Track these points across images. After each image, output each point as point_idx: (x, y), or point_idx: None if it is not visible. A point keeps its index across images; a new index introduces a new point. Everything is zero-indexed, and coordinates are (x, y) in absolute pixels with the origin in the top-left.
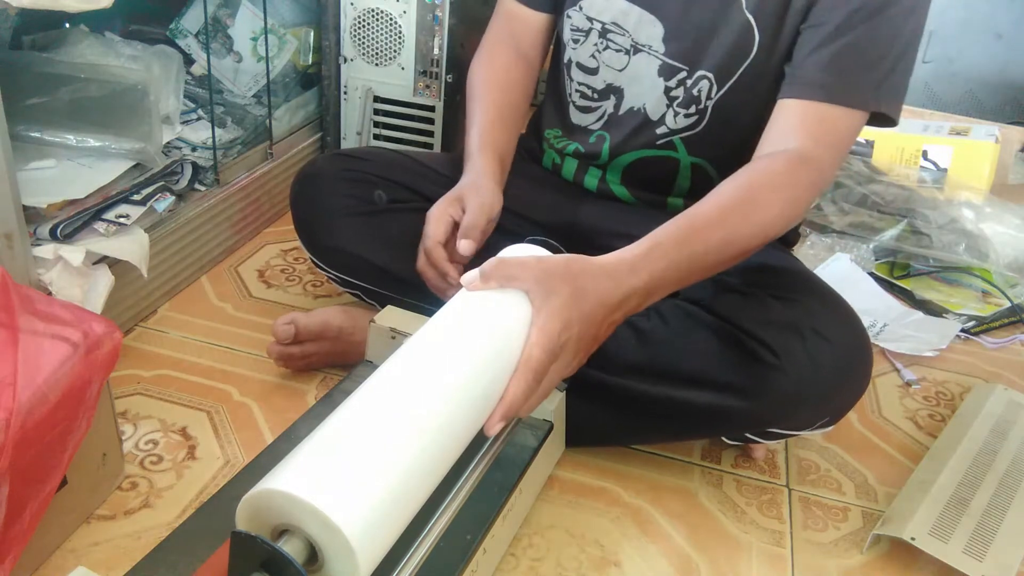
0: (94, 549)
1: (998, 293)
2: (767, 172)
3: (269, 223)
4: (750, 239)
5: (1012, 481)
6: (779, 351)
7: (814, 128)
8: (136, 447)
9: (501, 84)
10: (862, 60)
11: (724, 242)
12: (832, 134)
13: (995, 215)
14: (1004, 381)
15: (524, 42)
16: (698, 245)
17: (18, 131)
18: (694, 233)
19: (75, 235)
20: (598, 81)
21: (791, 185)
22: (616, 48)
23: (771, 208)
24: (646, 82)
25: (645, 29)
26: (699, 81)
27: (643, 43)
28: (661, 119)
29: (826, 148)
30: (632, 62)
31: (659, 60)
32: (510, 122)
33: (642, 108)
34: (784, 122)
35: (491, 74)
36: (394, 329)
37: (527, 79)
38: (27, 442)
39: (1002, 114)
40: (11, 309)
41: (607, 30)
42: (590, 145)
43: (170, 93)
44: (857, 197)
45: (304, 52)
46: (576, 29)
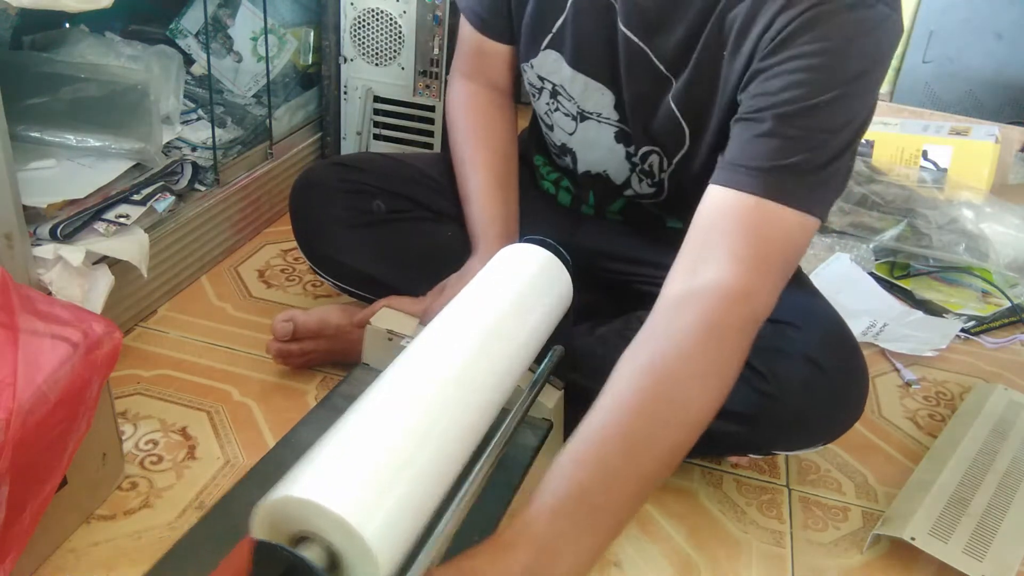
0: (94, 549)
1: (998, 293)
2: (683, 356)
3: (269, 223)
4: (674, 451)
5: (1012, 481)
6: (773, 379)
7: (749, 230)
8: (136, 447)
9: (489, 141)
10: (801, 160)
11: (640, 478)
12: (760, 237)
13: (995, 215)
14: (1004, 381)
15: (496, 75)
16: (603, 496)
17: (18, 131)
18: (598, 484)
19: (75, 235)
20: (555, 138)
21: (717, 359)
22: (564, 112)
23: (694, 405)
24: (601, 149)
25: (592, 97)
26: (649, 155)
27: (591, 111)
28: (627, 183)
29: (762, 260)
30: (580, 128)
31: (614, 127)
32: (506, 183)
33: (603, 173)
34: (715, 215)
35: (475, 126)
36: (391, 331)
37: (509, 121)
38: (27, 442)
39: (1002, 114)
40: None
41: (556, 92)
42: (579, 187)
43: (170, 93)
44: (857, 197)
45: (304, 52)
46: (531, 84)
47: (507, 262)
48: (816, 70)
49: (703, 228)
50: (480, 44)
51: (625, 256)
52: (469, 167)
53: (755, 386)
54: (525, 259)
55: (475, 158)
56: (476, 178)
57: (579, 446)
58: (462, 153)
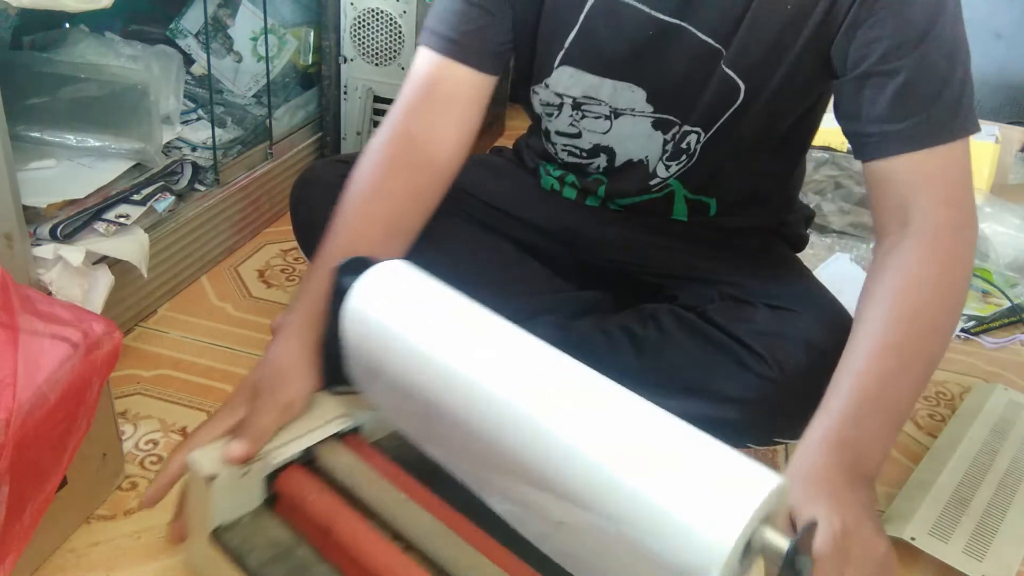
0: (94, 549)
1: (998, 293)
2: (916, 287)
3: (269, 223)
4: (933, 359)
5: (1012, 481)
6: (773, 362)
7: (936, 180)
8: (136, 447)
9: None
10: (925, 91)
11: (912, 382)
12: (942, 180)
13: (995, 215)
14: (1004, 381)
15: (445, 119)
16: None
17: (18, 131)
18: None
19: (75, 235)
20: (584, 143)
21: (952, 283)
22: (595, 116)
23: (945, 325)
24: (640, 139)
25: (623, 95)
26: (687, 135)
27: (623, 107)
28: (655, 171)
29: (957, 197)
30: (616, 125)
31: (650, 118)
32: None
33: (644, 159)
34: (889, 190)
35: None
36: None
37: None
38: (27, 442)
39: (1002, 114)
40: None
41: (580, 103)
42: (587, 183)
43: (170, 93)
44: (857, 197)
45: (304, 52)
46: (546, 104)
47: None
48: (915, 3)
49: (896, 195)
50: (442, 74)
51: (629, 247)
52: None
53: (755, 370)
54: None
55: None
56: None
57: (854, 363)
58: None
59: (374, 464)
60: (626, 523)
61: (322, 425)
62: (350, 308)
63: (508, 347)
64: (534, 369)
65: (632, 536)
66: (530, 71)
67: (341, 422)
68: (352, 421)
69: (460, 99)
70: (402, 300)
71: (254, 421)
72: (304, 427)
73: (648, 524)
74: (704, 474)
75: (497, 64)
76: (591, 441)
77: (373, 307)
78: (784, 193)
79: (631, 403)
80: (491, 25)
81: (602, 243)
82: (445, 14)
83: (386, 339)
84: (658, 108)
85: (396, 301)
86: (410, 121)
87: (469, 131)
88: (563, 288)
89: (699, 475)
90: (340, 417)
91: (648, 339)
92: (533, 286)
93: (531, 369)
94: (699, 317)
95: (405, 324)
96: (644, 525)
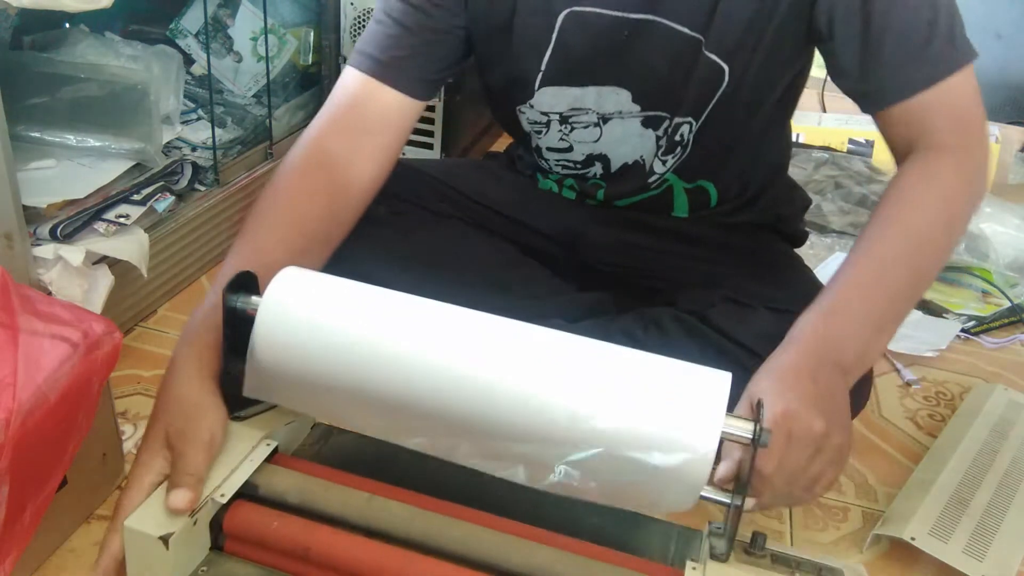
0: (94, 549)
1: (998, 293)
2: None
3: None
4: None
5: (1012, 481)
6: None
7: (937, 118)
8: (136, 447)
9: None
10: (915, 33)
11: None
12: (950, 109)
13: (995, 215)
14: (1004, 381)
15: (383, 134)
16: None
17: (18, 131)
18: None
19: (75, 235)
20: (576, 155)
21: (942, 196)
22: (584, 125)
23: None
24: (632, 140)
25: (609, 99)
26: (679, 127)
27: (611, 112)
28: (651, 169)
29: (952, 127)
30: (605, 130)
31: (638, 117)
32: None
33: (640, 159)
34: (901, 130)
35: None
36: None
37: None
38: (27, 442)
39: (1002, 114)
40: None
41: (567, 116)
42: (586, 187)
43: (170, 93)
44: (857, 197)
45: (304, 52)
46: (534, 122)
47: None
48: None
49: (907, 132)
50: (367, 97)
51: (629, 251)
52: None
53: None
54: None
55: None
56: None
57: (836, 275)
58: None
59: (316, 474)
60: (617, 450)
61: (249, 453)
62: (266, 322)
63: (456, 322)
64: (494, 337)
65: (626, 458)
66: (508, 95)
67: (266, 445)
68: (274, 441)
69: (384, 122)
70: (325, 302)
71: (185, 465)
72: (233, 460)
73: (638, 445)
74: (671, 389)
75: (428, 91)
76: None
77: (295, 316)
78: (779, 161)
79: (584, 345)
80: (428, 52)
81: (602, 246)
82: (377, 37)
83: (324, 344)
84: (645, 106)
85: (320, 304)
86: (330, 141)
87: (391, 156)
88: (564, 291)
89: (667, 391)
90: (261, 440)
91: (650, 343)
92: (534, 289)
93: (491, 337)
94: (701, 321)
95: (344, 324)
96: (635, 447)
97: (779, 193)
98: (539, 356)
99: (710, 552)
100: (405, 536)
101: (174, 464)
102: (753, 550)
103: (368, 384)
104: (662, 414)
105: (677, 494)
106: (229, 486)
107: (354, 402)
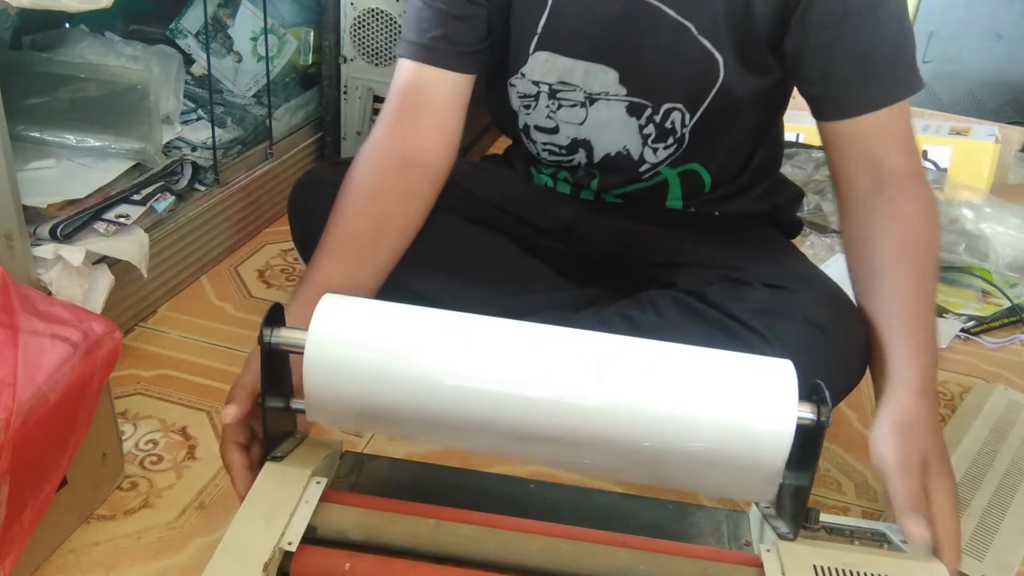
0: (94, 549)
1: (998, 293)
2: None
3: (269, 223)
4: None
5: (1012, 481)
6: (772, 339)
7: (889, 139)
8: (136, 447)
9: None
10: (884, 53)
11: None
12: (903, 132)
13: (995, 215)
14: (1004, 381)
15: (430, 126)
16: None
17: (18, 131)
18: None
19: (75, 235)
20: (561, 138)
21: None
22: (570, 103)
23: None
24: (615, 126)
25: (596, 78)
26: (669, 113)
27: (597, 92)
28: (641, 158)
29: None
30: (591, 112)
31: (623, 101)
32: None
33: (623, 150)
34: (856, 144)
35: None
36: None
37: (411, 215)
38: (27, 442)
39: (1002, 114)
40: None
41: (555, 90)
42: (579, 178)
43: (170, 93)
44: None
45: (304, 52)
46: (524, 95)
47: None
48: None
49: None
50: (418, 80)
51: (626, 239)
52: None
53: (756, 348)
54: None
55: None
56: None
57: (896, 307)
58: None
59: (371, 506)
60: (700, 443)
61: (301, 495)
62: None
63: (525, 340)
64: (561, 346)
65: (709, 450)
66: (506, 64)
67: (316, 484)
68: (323, 478)
69: (439, 103)
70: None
71: (238, 380)
72: (288, 504)
73: (720, 438)
74: (744, 381)
75: (471, 63)
76: (648, 394)
77: (351, 344)
78: (772, 154)
79: (650, 347)
80: (459, 28)
81: (599, 236)
82: (415, 22)
83: (389, 371)
84: (631, 90)
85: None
86: (396, 129)
87: (453, 132)
88: (563, 285)
89: (740, 384)
90: (311, 479)
91: (646, 323)
92: (533, 284)
93: (559, 346)
94: (698, 300)
95: (407, 351)
96: (716, 440)
97: (772, 185)
98: (611, 361)
99: (777, 534)
100: (481, 558)
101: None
102: (808, 524)
103: (441, 403)
104: (740, 405)
105: (761, 481)
106: (293, 533)
107: (416, 423)
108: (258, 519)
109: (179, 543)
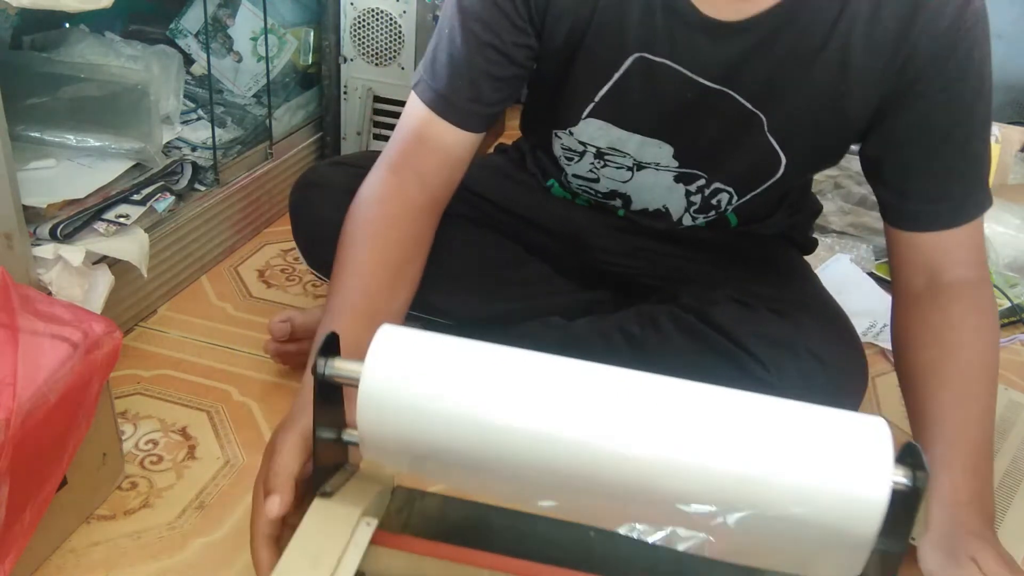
0: (94, 549)
1: (998, 293)
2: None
3: (269, 223)
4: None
5: (1012, 481)
6: (771, 367)
7: (955, 251)
8: (136, 447)
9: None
10: (965, 174)
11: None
12: (971, 245)
13: (995, 215)
14: (1004, 381)
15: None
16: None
17: (18, 131)
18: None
19: (75, 235)
20: (601, 187)
21: (990, 326)
22: (617, 166)
23: (996, 362)
24: (659, 190)
25: (649, 151)
26: (718, 192)
27: (648, 161)
28: (679, 220)
29: (976, 261)
30: (637, 176)
31: (673, 172)
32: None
33: (662, 208)
34: (918, 252)
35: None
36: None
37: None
38: (27, 442)
39: (1002, 114)
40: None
41: (604, 152)
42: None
43: (170, 93)
44: (857, 197)
45: (304, 52)
46: (568, 149)
47: None
48: (961, 92)
49: (925, 257)
50: (426, 128)
51: (635, 253)
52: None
53: (755, 375)
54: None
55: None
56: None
57: (956, 414)
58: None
59: (421, 551)
60: (782, 508)
61: (351, 537)
62: (371, 390)
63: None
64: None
65: (792, 517)
66: (552, 116)
67: (366, 525)
68: (374, 519)
69: (445, 153)
70: (437, 365)
71: (275, 465)
72: (336, 547)
73: (806, 503)
74: (832, 440)
75: (482, 124)
76: (723, 445)
77: (409, 381)
78: (804, 188)
79: (726, 397)
80: (488, 78)
81: (608, 248)
82: (440, 62)
83: (447, 412)
84: (684, 164)
85: (430, 368)
86: (402, 169)
87: (456, 178)
88: (565, 289)
89: (829, 443)
90: (361, 519)
91: (646, 341)
92: (535, 287)
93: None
94: (699, 319)
95: (466, 391)
96: (802, 506)
97: (793, 201)
98: (684, 412)
99: None
100: None
101: (269, 470)
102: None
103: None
104: (827, 467)
105: (846, 553)
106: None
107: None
108: (304, 562)
109: (179, 543)
